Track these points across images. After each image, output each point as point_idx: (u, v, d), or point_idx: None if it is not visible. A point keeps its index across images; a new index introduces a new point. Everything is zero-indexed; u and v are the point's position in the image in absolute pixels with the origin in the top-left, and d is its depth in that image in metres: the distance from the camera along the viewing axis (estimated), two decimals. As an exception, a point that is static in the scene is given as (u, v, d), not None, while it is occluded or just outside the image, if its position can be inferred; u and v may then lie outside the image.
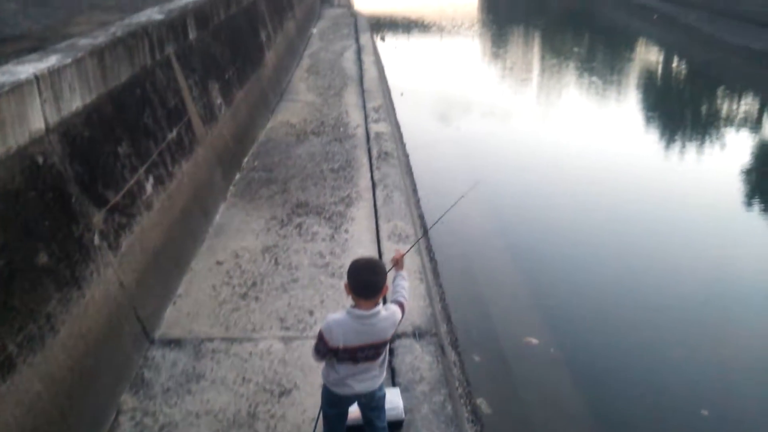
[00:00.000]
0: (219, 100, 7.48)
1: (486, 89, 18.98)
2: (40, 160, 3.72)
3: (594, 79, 20.67)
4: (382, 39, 24.51)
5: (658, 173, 12.31)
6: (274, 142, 8.93)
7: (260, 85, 9.89)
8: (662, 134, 15.33)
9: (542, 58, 26.07)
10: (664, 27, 32.28)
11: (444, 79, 19.45)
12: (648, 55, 28.08)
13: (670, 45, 29.11)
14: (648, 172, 12.26)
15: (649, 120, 16.80)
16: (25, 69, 3.84)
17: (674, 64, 26.29)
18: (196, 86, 6.71)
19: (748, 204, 11.15)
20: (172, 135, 5.71)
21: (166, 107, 5.72)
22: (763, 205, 11.21)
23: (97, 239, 4.04)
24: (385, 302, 2.84)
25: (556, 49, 27.73)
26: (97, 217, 4.14)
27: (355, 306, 2.72)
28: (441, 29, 30.34)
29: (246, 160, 8.10)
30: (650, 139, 14.81)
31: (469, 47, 27.09)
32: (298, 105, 10.94)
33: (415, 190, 8.86)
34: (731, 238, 9.36)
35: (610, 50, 28.12)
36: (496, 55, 25.83)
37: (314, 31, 18.44)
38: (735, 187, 11.64)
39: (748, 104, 19.20)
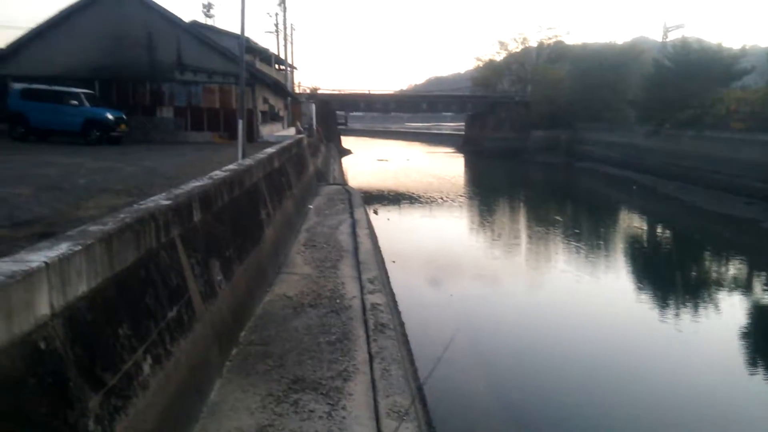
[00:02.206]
0: (219, 277, 7.66)
1: (475, 256, 19.50)
2: (43, 345, 3.76)
3: (580, 245, 21.35)
4: (375, 212, 25.59)
5: (653, 336, 12.34)
6: (271, 316, 8.98)
7: (259, 260, 10.17)
8: (651, 297, 15.53)
9: (527, 226, 27.12)
10: (645, 196, 34.07)
11: (435, 246, 20.06)
12: (631, 222, 29.28)
13: (652, 213, 30.49)
14: (643, 334, 12.29)
15: (635, 283, 17.11)
16: (37, 257, 4.02)
17: (659, 231, 27.32)
18: (198, 265, 6.93)
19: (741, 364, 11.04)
20: (172, 314, 5.78)
21: (168, 287, 5.87)
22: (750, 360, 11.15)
23: (92, 425, 3.95)
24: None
25: (540, 217, 28.95)
26: (94, 401, 4.08)
27: None
28: (430, 201, 31.84)
29: (243, 334, 8.09)
30: (639, 303, 14.97)
31: (458, 217, 28.26)
32: (295, 278, 11.15)
33: (412, 362, 8.75)
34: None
35: (593, 218, 29.37)
36: (482, 224, 26.87)
37: (311, 206, 19.31)
38: (722, 347, 11.63)
39: (736, 268, 19.69)
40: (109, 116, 19.83)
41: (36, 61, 23.16)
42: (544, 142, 58.38)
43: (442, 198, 32.87)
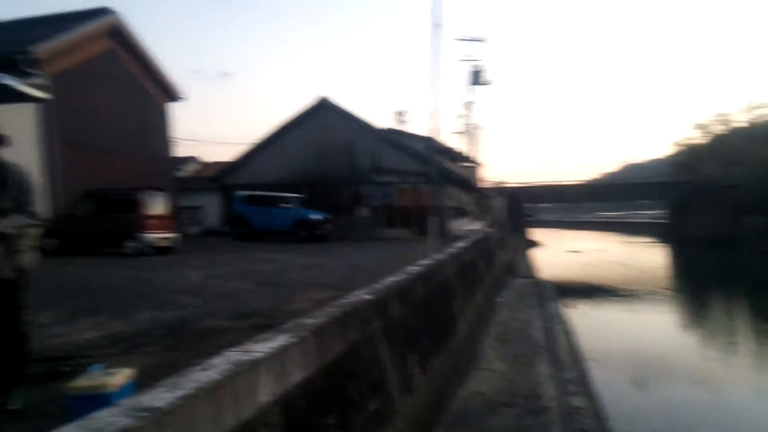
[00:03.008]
0: (415, 371, 7.75)
1: (688, 356, 17.39)
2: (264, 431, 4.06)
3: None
4: (570, 306, 24.32)
5: None
6: (465, 413, 8.78)
7: (453, 354, 10.13)
8: None
9: (752, 324, 23.75)
10: None
11: (640, 344, 18.32)
12: None
13: None
14: None
15: None
16: (260, 348, 4.44)
17: None
18: (395, 357, 7.09)
19: None
20: (373, 406, 5.92)
21: (369, 379, 6.06)
22: None
23: None
24: None
25: (764, 313, 25.24)
26: (304, 491, 4.25)
27: None
28: (631, 294, 29.53)
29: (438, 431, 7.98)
30: None
31: (664, 312, 25.71)
32: (488, 374, 10.88)
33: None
34: None
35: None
36: (695, 321, 24.10)
37: (501, 300, 19.00)
38: None
39: None
40: (315, 217, 21.88)
41: (255, 171, 26.65)
42: (763, 228, 51.87)
43: (644, 291, 30.33)
